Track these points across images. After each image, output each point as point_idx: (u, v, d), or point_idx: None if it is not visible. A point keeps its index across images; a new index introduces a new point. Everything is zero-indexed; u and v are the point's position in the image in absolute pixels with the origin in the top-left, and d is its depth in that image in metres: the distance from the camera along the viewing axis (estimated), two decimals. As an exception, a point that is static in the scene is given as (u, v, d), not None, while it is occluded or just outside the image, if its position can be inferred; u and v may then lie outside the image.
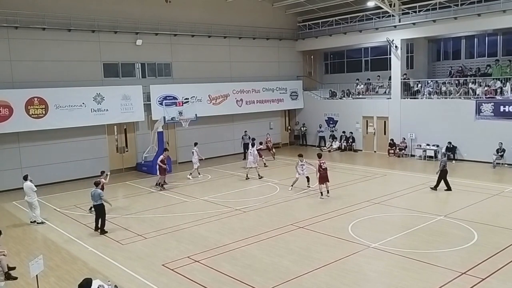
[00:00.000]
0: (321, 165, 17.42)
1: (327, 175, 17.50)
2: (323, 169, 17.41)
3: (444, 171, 17.83)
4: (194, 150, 22.36)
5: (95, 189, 14.35)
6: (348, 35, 29.34)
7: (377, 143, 28.39)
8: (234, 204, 17.00)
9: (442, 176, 17.85)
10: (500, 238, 12.51)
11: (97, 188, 14.41)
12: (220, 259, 11.74)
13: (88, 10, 22.98)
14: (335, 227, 13.96)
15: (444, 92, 25.43)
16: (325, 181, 17.45)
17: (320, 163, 17.48)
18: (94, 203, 14.31)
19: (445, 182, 17.87)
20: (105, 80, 23.85)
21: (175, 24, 25.99)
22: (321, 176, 17.39)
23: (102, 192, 14.56)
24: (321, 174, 17.40)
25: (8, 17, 20.65)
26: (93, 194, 14.28)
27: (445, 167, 17.85)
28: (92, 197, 14.31)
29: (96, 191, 14.30)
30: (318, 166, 17.42)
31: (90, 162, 23.20)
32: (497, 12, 22.46)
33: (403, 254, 11.59)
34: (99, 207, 14.23)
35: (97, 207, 14.27)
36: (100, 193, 14.29)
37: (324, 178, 17.43)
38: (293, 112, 33.35)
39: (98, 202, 14.19)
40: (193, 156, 22.34)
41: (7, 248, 12.04)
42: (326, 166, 17.62)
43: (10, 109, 20.34)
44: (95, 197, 14.24)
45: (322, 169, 17.39)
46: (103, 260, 12.04)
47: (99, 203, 14.19)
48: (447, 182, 17.87)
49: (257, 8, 30.13)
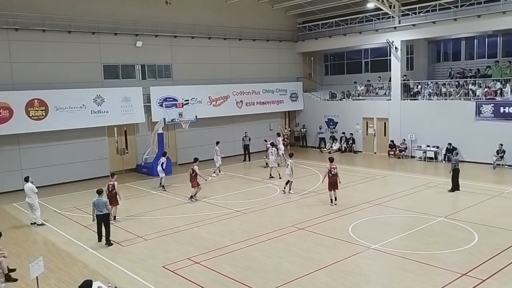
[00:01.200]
0: (331, 170, 16.43)
1: (336, 181, 16.45)
2: (332, 175, 16.44)
3: (456, 170, 17.86)
4: (216, 148, 22.99)
5: (98, 198, 13.39)
6: (348, 37, 29.37)
7: (377, 145, 28.39)
8: (234, 205, 17.00)
9: (455, 176, 17.86)
10: (500, 239, 12.51)
11: (100, 197, 13.49)
12: (221, 260, 11.74)
13: (88, 11, 23.00)
14: (335, 228, 13.96)
15: (444, 94, 25.45)
16: (333, 188, 16.50)
17: (330, 167, 16.49)
18: (98, 212, 13.33)
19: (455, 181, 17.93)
20: (105, 82, 23.87)
21: (175, 26, 26.02)
22: (329, 181, 16.51)
23: (107, 200, 13.75)
24: (329, 180, 16.50)
25: (8, 19, 20.68)
26: (97, 203, 13.32)
27: (456, 166, 17.88)
28: (97, 206, 13.34)
29: (100, 199, 13.37)
30: (327, 170, 16.54)
31: (90, 164, 23.21)
32: (496, 14, 22.48)
33: (404, 255, 11.58)
34: (104, 217, 13.38)
35: (101, 216, 13.36)
36: (106, 202, 13.49)
37: (332, 184, 16.46)
38: (293, 114, 33.36)
39: (104, 211, 13.34)
40: (215, 154, 22.93)
41: (7, 250, 12.01)
42: (336, 172, 16.47)
43: (10, 111, 20.35)
44: (99, 206, 13.31)
45: (331, 174, 16.45)
46: (103, 261, 12.03)
47: (104, 213, 13.35)
48: (458, 182, 17.91)
49: (257, 9, 30.16)
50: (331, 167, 16.46)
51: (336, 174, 16.41)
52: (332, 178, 16.42)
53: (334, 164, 16.68)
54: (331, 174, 16.41)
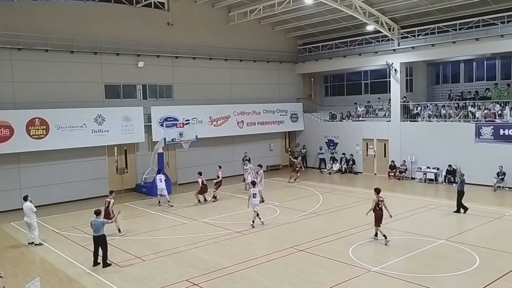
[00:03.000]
0: (379, 203, 14.36)
1: (382, 216, 14.35)
2: (379, 208, 14.35)
3: (461, 193, 17.85)
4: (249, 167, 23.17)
5: (95, 219, 13.02)
6: (347, 58, 29.64)
7: (377, 166, 28.37)
8: (234, 226, 16.88)
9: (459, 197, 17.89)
10: (502, 262, 12.40)
11: (98, 217, 13.13)
12: (219, 282, 11.61)
13: (91, 32, 23.27)
14: (336, 250, 13.85)
15: (443, 115, 25.54)
16: (379, 223, 14.46)
17: (378, 200, 14.36)
18: (94, 234, 12.99)
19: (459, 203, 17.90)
20: (106, 101, 23.99)
21: (176, 47, 26.29)
22: (376, 216, 14.39)
23: (106, 220, 13.57)
24: (376, 214, 14.39)
25: (11, 39, 20.91)
26: (94, 224, 12.96)
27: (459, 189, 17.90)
28: (94, 227, 12.95)
29: (97, 221, 12.99)
30: (375, 203, 14.42)
31: (90, 183, 23.16)
32: (495, 37, 22.73)
33: (404, 278, 11.46)
34: (100, 238, 12.96)
35: (97, 238, 12.97)
36: (103, 222, 13.12)
37: (379, 219, 14.38)
38: (294, 134, 33.43)
39: (100, 233, 12.96)
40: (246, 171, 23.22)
41: (4, 270, 11.87)
42: (384, 205, 14.38)
43: (11, 130, 20.38)
44: (96, 227, 12.92)
45: (378, 208, 14.36)
46: (101, 282, 11.90)
47: (100, 234, 12.95)
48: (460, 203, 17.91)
49: (257, 31, 30.51)
50: (379, 199, 14.35)
51: (383, 207, 14.39)
52: (380, 213, 14.38)
53: (381, 196, 14.49)
54: (379, 207, 14.34)
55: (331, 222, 17.05)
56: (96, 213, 13.26)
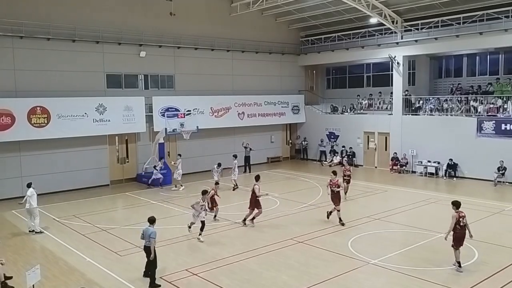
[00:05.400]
0: (460, 220, 11.42)
1: (464, 236, 11.54)
2: (460, 226, 11.44)
3: None
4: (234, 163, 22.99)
5: (147, 227, 11.19)
6: (350, 51, 29.51)
7: (378, 159, 28.36)
8: (233, 217, 16.91)
9: None
10: (501, 256, 12.44)
11: (151, 226, 11.19)
12: (218, 272, 11.66)
13: (93, 21, 23.17)
14: (335, 242, 13.89)
15: (445, 109, 25.49)
16: (460, 245, 11.59)
17: (459, 216, 11.42)
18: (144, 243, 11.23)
19: None
20: (108, 91, 23.95)
21: (178, 37, 26.19)
22: (456, 236, 11.53)
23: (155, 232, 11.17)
24: (456, 234, 11.51)
25: (13, 27, 20.83)
26: (144, 233, 11.22)
27: None
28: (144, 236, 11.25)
29: (147, 229, 11.11)
30: (456, 220, 11.44)
31: (91, 172, 23.22)
32: (498, 31, 22.62)
33: (403, 271, 11.50)
34: (146, 250, 11.16)
35: (145, 249, 11.24)
36: (152, 233, 11.04)
37: (460, 240, 11.54)
38: (295, 126, 33.40)
39: (147, 243, 11.07)
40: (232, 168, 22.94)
41: (5, 257, 11.98)
42: (466, 222, 11.53)
43: (12, 118, 20.38)
44: (145, 236, 11.19)
45: (459, 226, 11.43)
46: (101, 271, 11.96)
47: (147, 245, 11.09)
48: None
49: (260, 22, 30.37)
50: (459, 215, 11.47)
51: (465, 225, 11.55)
52: (460, 232, 11.50)
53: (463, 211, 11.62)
54: (460, 225, 11.45)
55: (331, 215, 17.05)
56: (150, 221, 11.39)
